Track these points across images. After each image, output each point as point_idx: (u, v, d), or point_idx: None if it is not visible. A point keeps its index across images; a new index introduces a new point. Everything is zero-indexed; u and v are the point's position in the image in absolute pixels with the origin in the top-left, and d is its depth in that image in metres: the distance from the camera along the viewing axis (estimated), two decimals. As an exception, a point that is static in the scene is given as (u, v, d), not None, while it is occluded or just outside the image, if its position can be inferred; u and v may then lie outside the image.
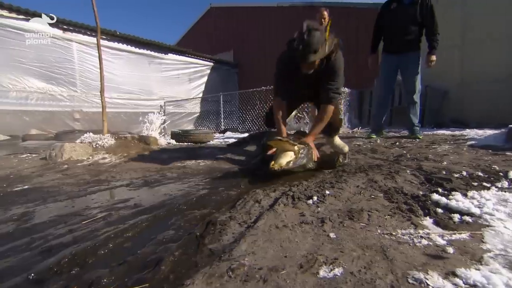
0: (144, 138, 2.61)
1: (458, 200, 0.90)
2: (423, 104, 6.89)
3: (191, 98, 9.11)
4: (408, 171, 1.38)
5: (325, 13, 3.63)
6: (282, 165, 1.30)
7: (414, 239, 0.67)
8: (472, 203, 0.88)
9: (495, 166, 1.38)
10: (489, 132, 3.49)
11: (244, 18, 10.85)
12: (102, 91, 2.80)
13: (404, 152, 2.14)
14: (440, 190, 1.04)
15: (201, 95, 9.68)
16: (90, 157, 2.05)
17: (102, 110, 2.80)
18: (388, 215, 0.84)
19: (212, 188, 1.26)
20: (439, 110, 6.70)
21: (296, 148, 1.40)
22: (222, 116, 7.97)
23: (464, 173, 1.29)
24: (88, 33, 7.33)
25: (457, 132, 3.88)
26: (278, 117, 1.71)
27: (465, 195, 0.97)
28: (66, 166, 1.82)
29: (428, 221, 0.79)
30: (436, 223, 0.77)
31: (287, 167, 1.33)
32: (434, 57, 2.96)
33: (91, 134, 2.43)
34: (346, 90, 6.53)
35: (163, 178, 1.55)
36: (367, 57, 3.28)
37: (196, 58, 9.69)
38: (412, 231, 0.71)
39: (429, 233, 0.69)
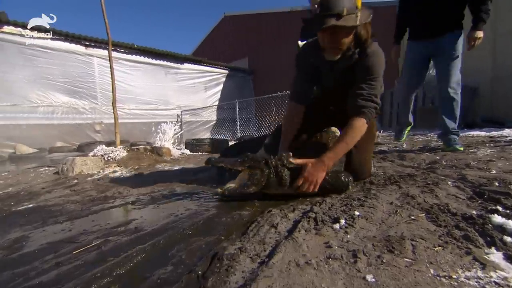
0: (156, 149, 2.55)
1: (532, 225, 0.70)
2: None
3: (207, 107, 9.15)
4: (449, 182, 1.18)
5: None
6: (223, 189, 1.15)
7: (487, 287, 0.49)
8: (553, 229, 0.68)
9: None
10: (535, 131, 3.12)
11: (257, 24, 10.86)
12: (114, 103, 2.80)
13: (438, 158, 1.91)
14: (500, 208, 0.84)
15: (217, 103, 9.72)
16: (101, 171, 2.00)
17: (115, 122, 2.79)
18: (439, 245, 0.66)
19: (223, 207, 1.13)
20: (469, 109, 6.21)
21: (247, 171, 1.12)
22: (238, 124, 7.91)
23: (524, 184, 1.07)
24: (108, 47, 7.60)
25: (494, 133, 3.51)
26: (287, 127, 1.41)
27: (536, 216, 0.77)
28: (75, 181, 1.78)
29: (497, 256, 0.60)
30: (510, 259, 0.59)
31: (228, 193, 1.15)
32: (480, 34, 2.09)
33: (103, 146, 2.41)
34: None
35: (171, 194, 1.44)
36: (390, 49, 2.47)
37: (211, 67, 9.78)
38: (480, 273, 0.53)
39: (506, 277, 0.51)
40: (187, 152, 3.18)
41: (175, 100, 8.85)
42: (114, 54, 7.77)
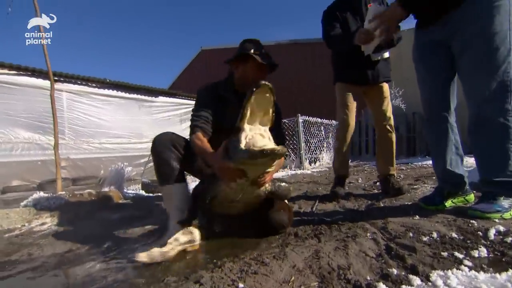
0: (102, 194, 2.40)
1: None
2: (412, 130, 6.70)
3: (182, 139, 9.07)
4: (368, 234, 1.14)
5: None
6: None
7: None
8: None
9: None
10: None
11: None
12: (56, 146, 2.66)
13: (380, 197, 1.91)
14: (394, 272, 0.81)
15: (192, 134, 9.65)
16: (26, 224, 1.82)
17: (56, 167, 2.63)
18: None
19: (142, 274, 1.02)
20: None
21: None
22: (212, 155, 7.81)
23: (435, 235, 1.06)
24: (79, 82, 7.56)
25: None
26: (202, 145, 1.25)
27: (427, 278, 0.74)
28: (-13, 239, 1.60)
29: None
30: None
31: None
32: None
33: (41, 193, 2.23)
34: (334, 122, 6.45)
35: (89, 253, 1.31)
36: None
37: (187, 99, 9.86)
38: None
39: None
40: (143, 193, 3.02)
41: (149, 133, 8.72)
42: (85, 88, 7.75)
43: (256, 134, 0.95)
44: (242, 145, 0.92)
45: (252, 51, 1.38)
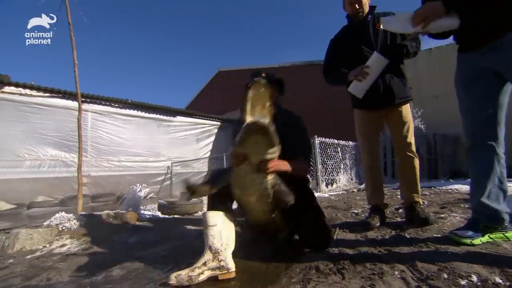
0: (120, 215, 2.43)
1: None
2: (433, 152, 6.45)
3: (198, 158, 9.20)
4: (396, 272, 1.06)
5: None
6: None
7: None
8: None
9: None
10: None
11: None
12: (79, 167, 2.77)
13: (405, 227, 1.79)
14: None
15: (209, 154, 9.80)
16: (47, 245, 1.86)
17: (78, 187, 2.72)
18: None
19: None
20: (453, 158, 6.27)
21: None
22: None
23: (475, 278, 0.96)
24: (103, 103, 7.98)
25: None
26: None
27: None
28: (11, 260, 1.63)
29: None
30: None
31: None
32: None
33: (63, 214, 2.29)
34: (351, 143, 6.34)
35: (105, 281, 1.30)
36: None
37: (204, 119, 10.12)
38: None
39: None
40: (159, 214, 3.04)
41: (166, 152, 8.95)
42: (108, 109, 8.15)
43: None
44: None
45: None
